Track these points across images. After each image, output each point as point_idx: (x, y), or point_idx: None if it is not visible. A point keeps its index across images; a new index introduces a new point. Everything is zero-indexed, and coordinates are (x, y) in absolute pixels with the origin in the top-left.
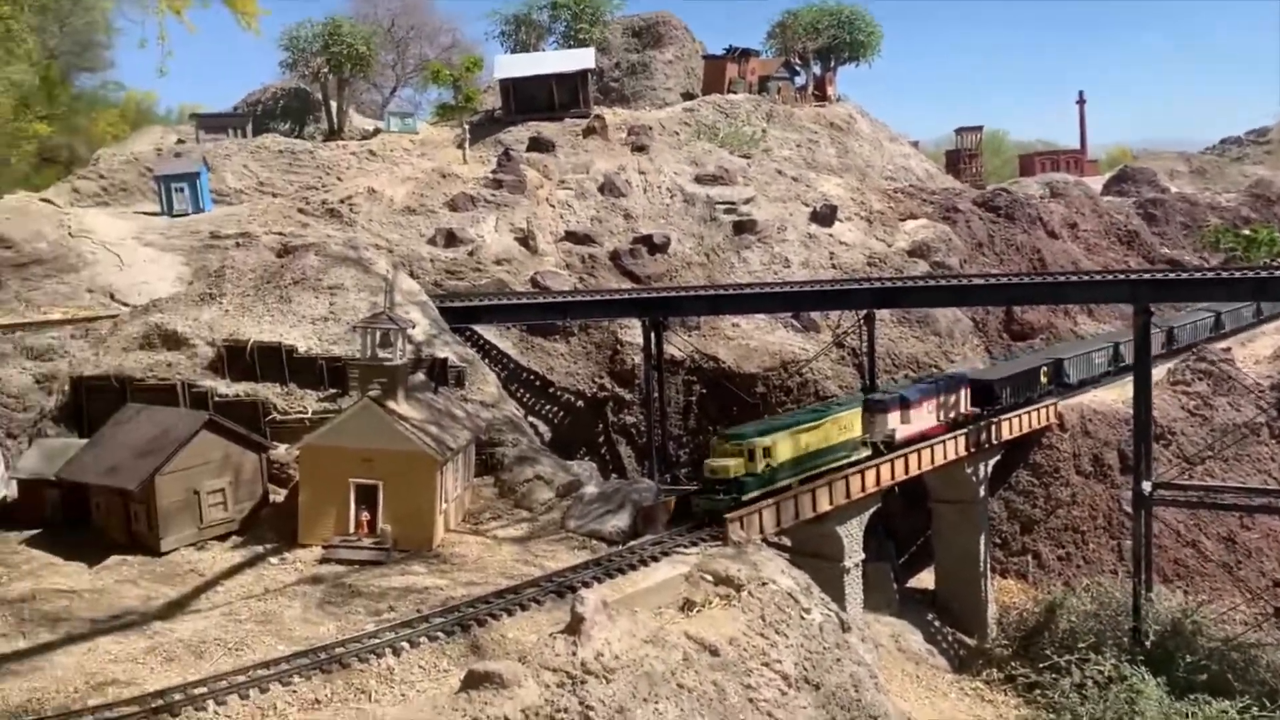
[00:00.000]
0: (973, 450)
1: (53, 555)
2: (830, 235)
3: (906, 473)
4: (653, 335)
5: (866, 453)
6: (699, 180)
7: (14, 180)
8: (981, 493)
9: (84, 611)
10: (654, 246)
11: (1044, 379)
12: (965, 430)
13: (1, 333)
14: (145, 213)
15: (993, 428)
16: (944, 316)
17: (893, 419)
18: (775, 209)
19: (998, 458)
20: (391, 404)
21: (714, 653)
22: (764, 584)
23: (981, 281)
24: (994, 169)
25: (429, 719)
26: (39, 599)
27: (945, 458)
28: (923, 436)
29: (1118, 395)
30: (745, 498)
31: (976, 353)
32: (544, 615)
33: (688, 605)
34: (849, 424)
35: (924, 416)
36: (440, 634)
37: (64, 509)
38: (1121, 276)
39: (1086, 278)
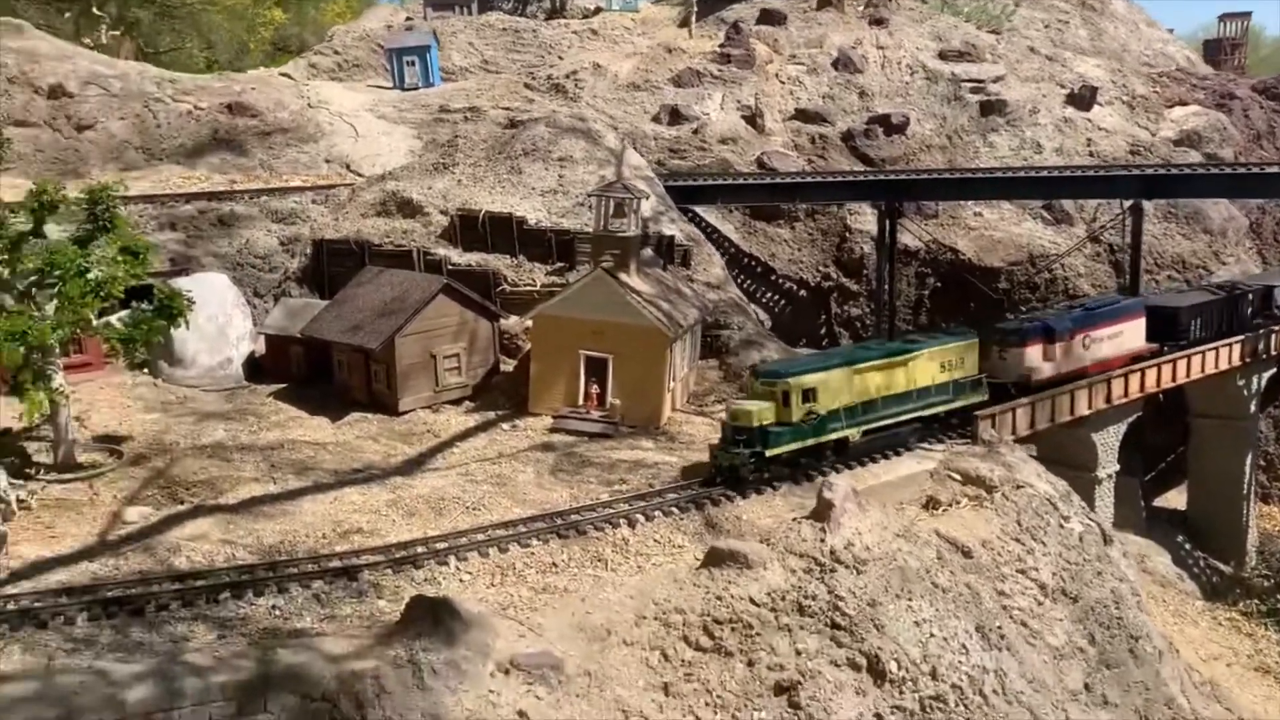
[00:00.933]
0: (1248, 360)
1: (298, 409)
2: (1088, 120)
3: (1174, 379)
4: (887, 222)
5: (981, 397)
6: (943, 56)
7: (252, 66)
8: (1252, 409)
9: (329, 463)
10: (891, 127)
11: (1247, 310)
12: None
13: (249, 197)
14: (377, 86)
15: (1273, 337)
16: (1217, 213)
17: (1032, 354)
18: (1027, 90)
19: (1273, 370)
20: (624, 276)
21: (966, 554)
22: (1019, 487)
23: (1277, 169)
24: (1251, 64)
25: (670, 593)
26: (287, 448)
27: (1218, 366)
28: (1077, 376)
29: None
30: (771, 453)
31: (1250, 256)
32: (780, 500)
33: (932, 503)
34: (955, 360)
35: (1078, 352)
36: (675, 509)
37: (308, 365)
38: None
39: None
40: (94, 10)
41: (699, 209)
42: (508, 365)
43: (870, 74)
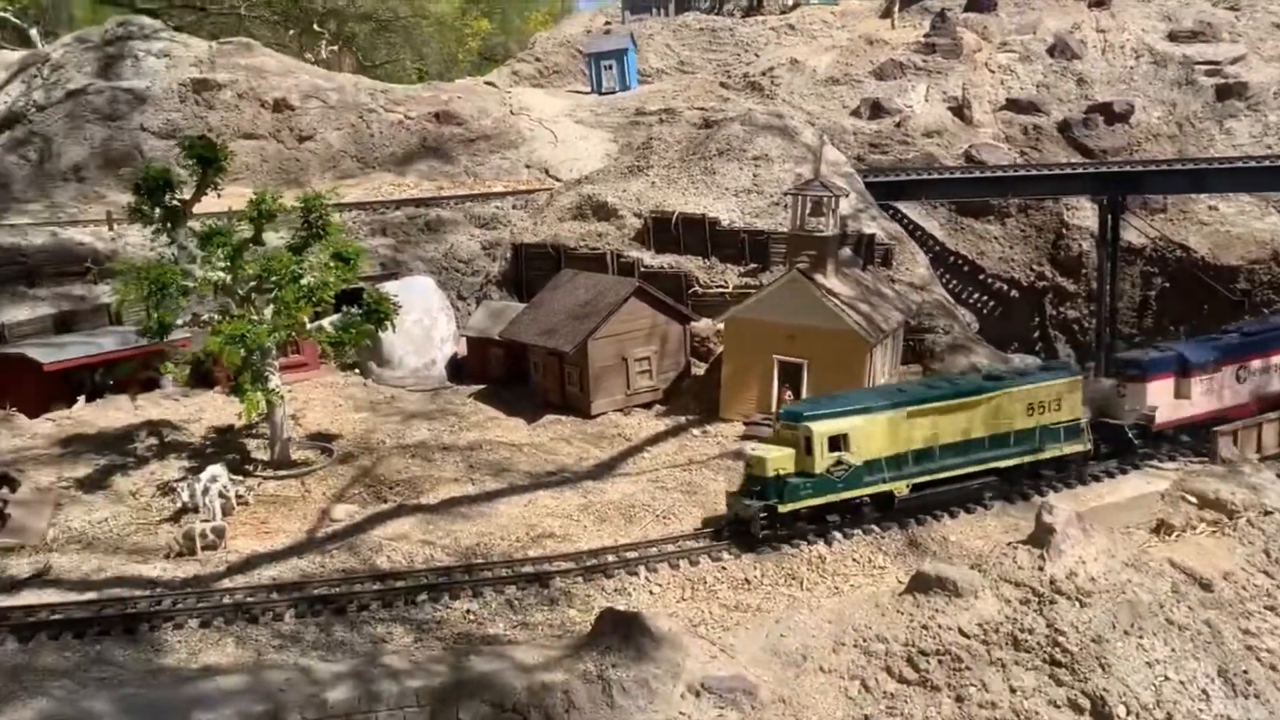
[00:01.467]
0: None
1: (496, 410)
2: None
3: None
4: (1109, 217)
5: (1080, 448)
6: (1173, 38)
7: (459, 76)
8: None
9: (524, 464)
10: (1113, 115)
11: None
12: None
13: (454, 203)
14: (576, 91)
15: None
16: None
17: (1156, 391)
18: (1272, 70)
19: None
20: (820, 278)
21: (1206, 587)
22: (1267, 513)
23: None
24: None
25: (871, 619)
26: (485, 449)
27: None
28: (1218, 419)
29: None
30: (786, 508)
31: None
32: (992, 520)
33: (1164, 529)
34: (1047, 402)
35: (1223, 388)
36: (874, 527)
37: (506, 367)
38: None
39: None
40: (315, 27)
41: (901, 206)
42: (698, 369)
43: (1089, 60)
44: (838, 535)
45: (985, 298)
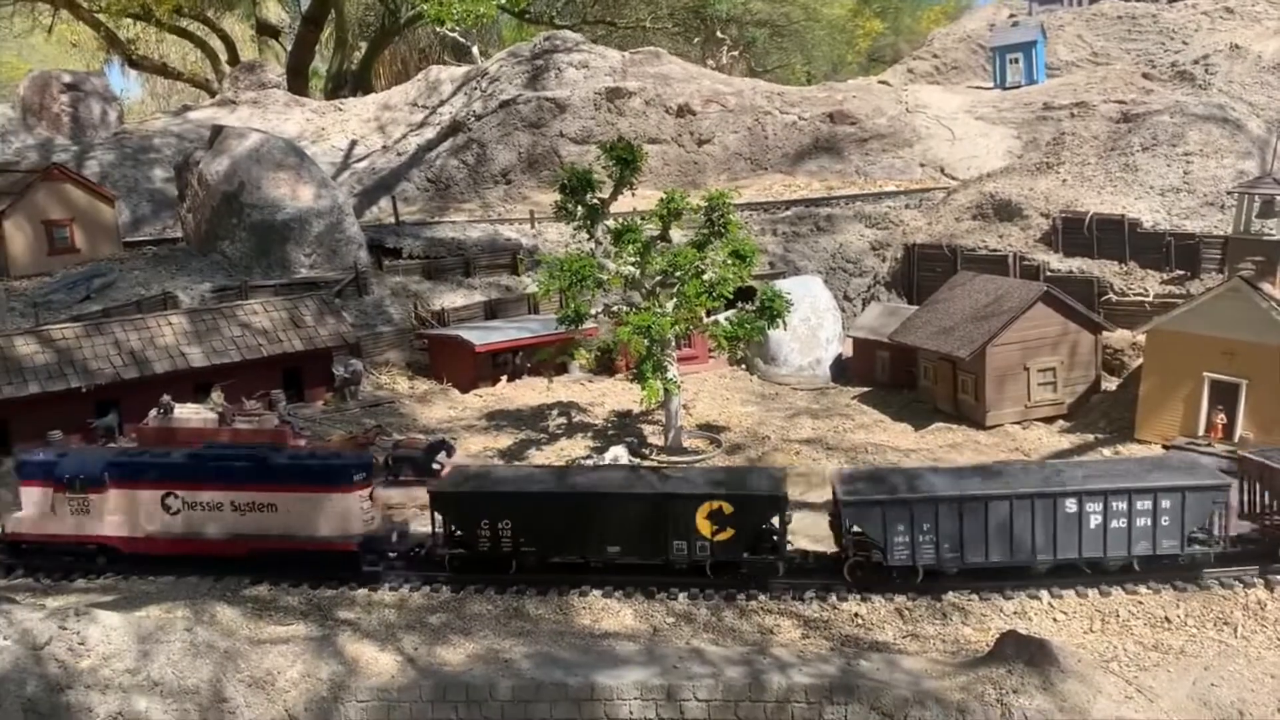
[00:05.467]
0: None
1: (880, 413)
2: None
3: None
4: None
5: None
6: None
7: (848, 76)
8: None
9: None
10: None
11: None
12: None
13: (844, 202)
14: (976, 87)
15: None
16: None
17: (32, 498)
18: None
19: None
20: (1268, 287)
21: None
22: None
23: None
24: None
25: None
26: (871, 452)
27: None
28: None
29: None
30: None
31: None
32: None
33: None
34: None
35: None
36: None
37: (892, 370)
38: None
39: None
40: (717, 34)
41: None
42: (1110, 383)
43: None
44: None
45: None
